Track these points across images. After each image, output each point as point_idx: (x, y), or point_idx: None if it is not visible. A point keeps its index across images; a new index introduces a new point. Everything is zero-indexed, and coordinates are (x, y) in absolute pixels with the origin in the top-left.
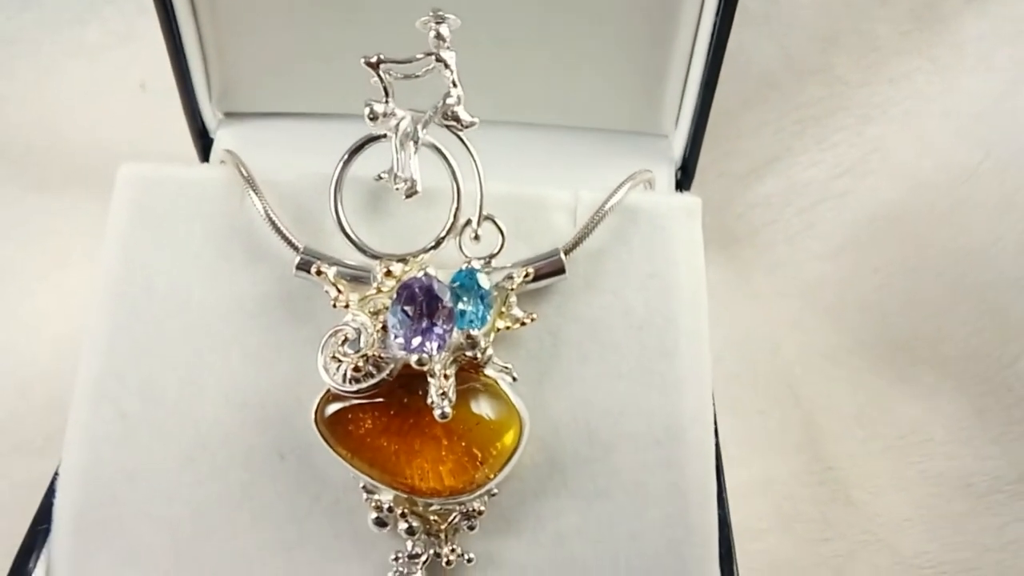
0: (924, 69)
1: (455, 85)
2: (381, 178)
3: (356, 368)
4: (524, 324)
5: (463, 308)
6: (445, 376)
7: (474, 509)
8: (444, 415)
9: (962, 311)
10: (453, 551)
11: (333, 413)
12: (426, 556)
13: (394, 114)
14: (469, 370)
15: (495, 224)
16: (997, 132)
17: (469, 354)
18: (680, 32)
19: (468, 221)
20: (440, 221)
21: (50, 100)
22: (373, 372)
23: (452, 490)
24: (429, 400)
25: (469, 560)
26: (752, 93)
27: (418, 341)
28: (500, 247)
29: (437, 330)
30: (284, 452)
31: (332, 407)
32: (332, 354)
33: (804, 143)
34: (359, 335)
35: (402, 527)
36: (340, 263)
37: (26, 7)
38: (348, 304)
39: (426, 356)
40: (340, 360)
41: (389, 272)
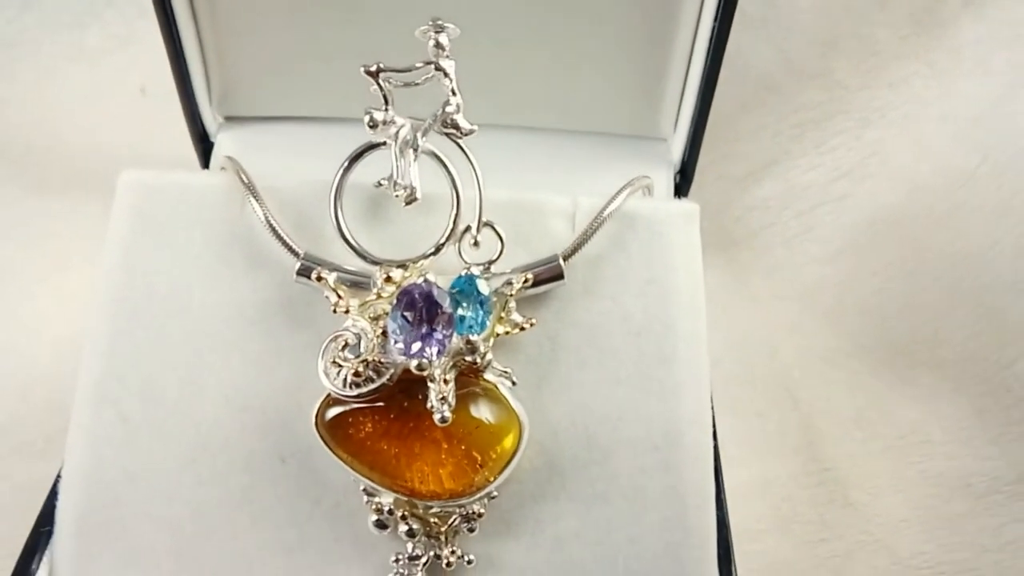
0: (922, 73)
1: (454, 93)
2: (381, 185)
3: (356, 373)
4: (523, 329)
5: (462, 314)
6: (445, 381)
7: (474, 512)
8: (444, 420)
9: (960, 314)
10: (453, 553)
11: (333, 417)
12: (426, 558)
13: (394, 122)
14: (469, 374)
15: (494, 230)
16: (994, 136)
17: (469, 359)
18: (679, 35)
19: (467, 227)
20: (440, 227)
21: (50, 103)
22: (373, 377)
23: (452, 493)
24: (429, 405)
25: (469, 562)
26: (750, 96)
27: (418, 346)
28: (499, 253)
29: (437, 335)
30: (285, 455)
31: (332, 411)
32: (332, 359)
33: (803, 146)
34: (359, 340)
35: (402, 529)
36: (340, 269)
37: (26, 10)
38: (348, 310)
39: (426, 361)
40: (340, 365)
41: (389, 278)
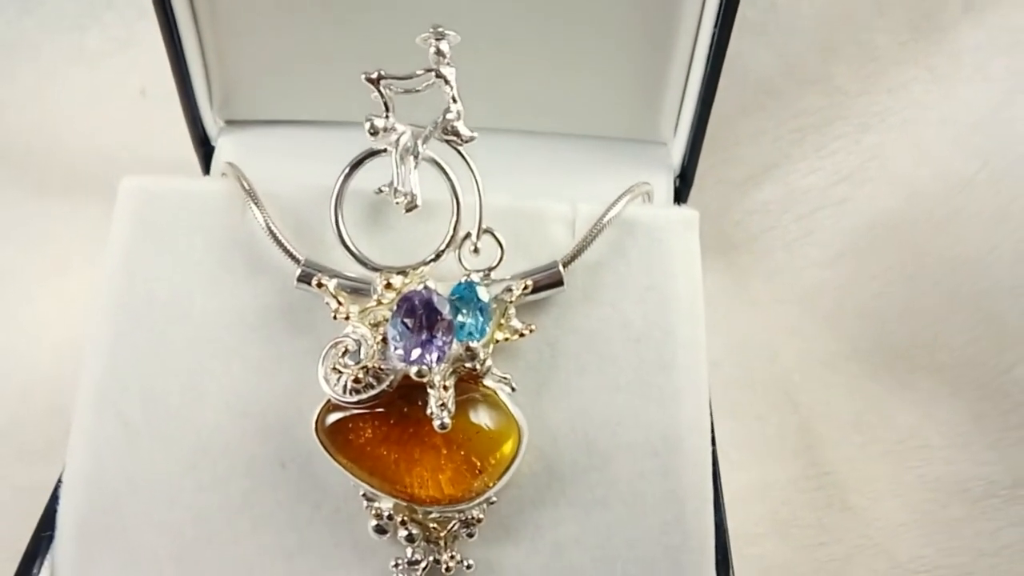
0: (922, 79)
1: (455, 100)
2: (381, 191)
3: (356, 379)
4: (523, 336)
5: (462, 320)
6: (444, 387)
7: (473, 517)
8: (443, 426)
9: (959, 319)
10: (452, 558)
11: (333, 423)
12: (426, 563)
13: (394, 129)
14: (468, 380)
15: (494, 237)
16: (993, 141)
17: (468, 365)
18: (679, 40)
19: (467, 234)
20: (440, 234)
21: (50, 105)
22: (373, 383)
23: (451, 498)
24: (429, 411)
25: (468, 566)
26: (751, 101)
27: (418, 353)
28: (499, 260)
29: (436, 342)
30: (285, 461)
31: (332, 417)
32: (333, 365)
33: (803, 150)
34: (359, 347)
35: (402, 534)
36: (341, 275)
37: (26, 12)
38: (348, 316)
39: (426, 368)
40: (341, 371)
41: (389, 284)
